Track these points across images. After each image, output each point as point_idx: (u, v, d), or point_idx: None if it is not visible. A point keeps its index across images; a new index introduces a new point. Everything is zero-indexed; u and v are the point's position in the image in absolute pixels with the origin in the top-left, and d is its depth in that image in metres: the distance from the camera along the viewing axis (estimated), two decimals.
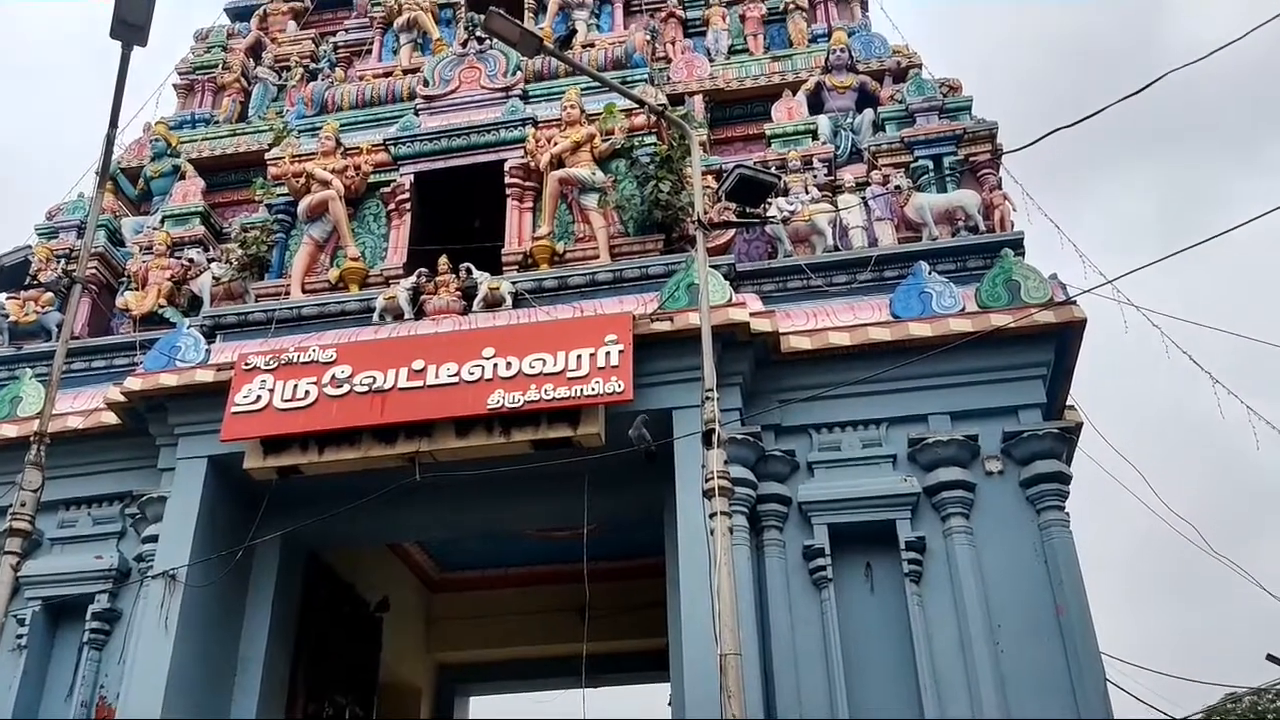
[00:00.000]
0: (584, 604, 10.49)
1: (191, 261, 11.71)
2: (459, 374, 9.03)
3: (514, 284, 10.22)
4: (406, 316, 10.20)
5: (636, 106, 10.51)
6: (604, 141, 10.96)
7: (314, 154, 11.49)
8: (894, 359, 8.92)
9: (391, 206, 11.31)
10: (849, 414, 9.12)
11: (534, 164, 10.99)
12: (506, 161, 11.14)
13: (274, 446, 9.31)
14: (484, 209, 11.45)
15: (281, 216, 11.72)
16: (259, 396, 9.29)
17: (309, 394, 9.23)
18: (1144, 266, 7.13)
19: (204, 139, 13.56)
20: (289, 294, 10.95)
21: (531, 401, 8.80)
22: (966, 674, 8.01)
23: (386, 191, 11.35)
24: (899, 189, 10.44)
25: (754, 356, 9.15)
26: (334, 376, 9.26)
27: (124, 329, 11.61)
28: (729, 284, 9.44)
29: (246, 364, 9.49)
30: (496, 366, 8.99)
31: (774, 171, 9.82)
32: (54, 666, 9.78)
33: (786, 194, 10.58)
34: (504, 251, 10.73)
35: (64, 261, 12.02)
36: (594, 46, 12.31)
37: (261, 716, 9.45)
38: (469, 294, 10.28)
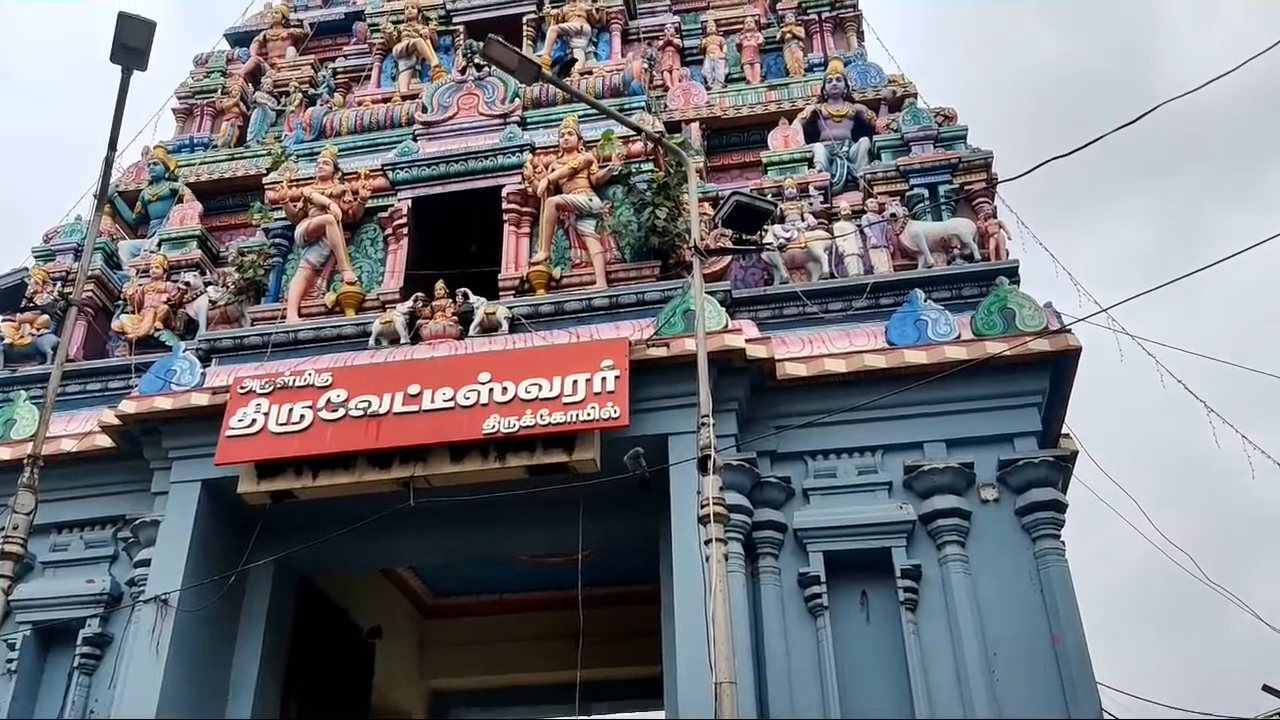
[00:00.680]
0: (578, 630, 10.42)
1: (188, 285, 11.71)
2: (454, 399, 9.03)
3: (510, 309, 10.24)
4: (403, 341, 10.20)
5: (634, 133, 10.56)
6: (601, 168, 11.01)
7: (312, 179, 11.54)
8: (890, 386, 8.92)
9: (389, 231, 11.33)
10: (844, 441, 9.12)
11: (531, 190, 11.03)
12: (504, 187, 11.19)
13: (268, 471, 9.29)
14: (481, 234, 11.48)
15: (279, 241, 11.74)
16: (254, 420, 9.28)
17: (304, 418, 9.22)
18: (1138, 295, 7.16)
19: (202, 163, 13.61)
20: (285, 318, 10.96)
21: (527, 427, 8.80)
22: (962, 703, 7.96)
23: (384, 216, 11.39)
24: (894, 217, 10.49)
25: (750, 383, 9.15)
26: (329, 401, 9.25)
27: (119, 352, 11.60)
28: (725, 310, 9.47)
29: (242, 388, 9.48)
30: (492, 391, 8.99)
31: (770, 199, 9.86)
32: (44, 691, 9.68)
33: (783, 221, 10.63)
34: (501, 276, 10.75)
35: (60, 284, 12.01)
36: (592, 74, 12.39)
37: None
38: (465, 319, 10.29)
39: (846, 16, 13.86)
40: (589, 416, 8.72)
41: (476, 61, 12.23)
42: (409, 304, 10.41)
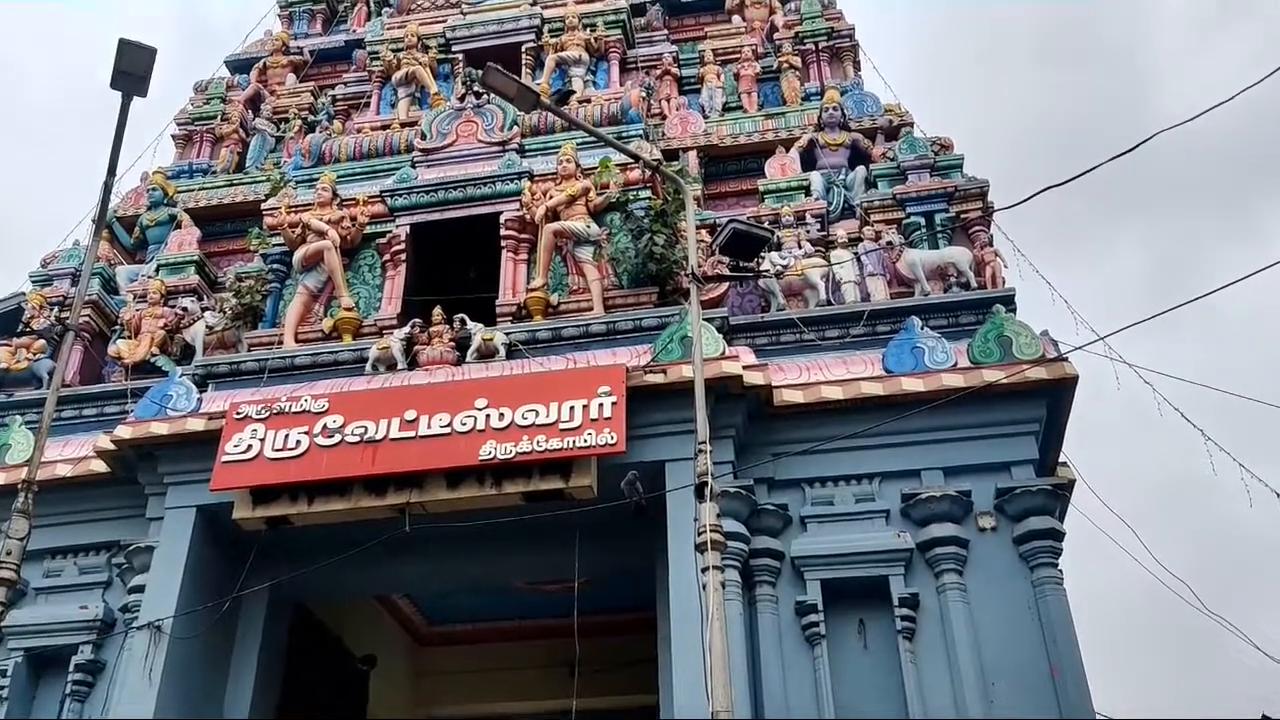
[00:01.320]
0: (574, 659, 10.32)
1: (185, 310, 11.72)
2: (451, 424, 9.01)
3: (508, 335, 10.24)
4: (400, 367, 10.20)
5: (632, 161, 10.59)
6: (599, 195, 11.06)
7: (310, 205, 11.57)
8: (887, 413, 8.92)
9: (387, 257, 11.36)
10: (842, 468, 9.10)
11: (529, 216, 11.06)
12: (502, 214, 11.22)
13: (264, 497, 9.25)
14: (479, 260, 11.51)
15: (276, 266, 11.76)
16: (250, 446, 9.25)
17: (300, 444, 9.20)
18: (1136, 324, 7.15)
19: (201, 189, 13.65)
20: (282, 343, 10.96)
21: (524, 453, 8.78)
22: None
23: (382, 242, 11.41)
24: (891, 245, 10.53)
25: (747, 410, 9.15)
26: (325, 426, 9.23)
27: (116, 377, 11.58)
28: (722, 337, 9.48)
29: (238, 413, 9.46)
30: (489, 417, 8.97)
31: (767, 226, 9.88)
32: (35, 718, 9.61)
33: (780, 249, 10.66)
34: (498, 303, 10.77)
35: (57, 309, 12.03)
36: (590, 102, 12.45)
37: None
38: (463, 345, 10.29)
39: (843, 47, 13.98)
40: (586, 443, 8.70)
41: (475, 89, 12.31)
42: (406, 330, 10.42)
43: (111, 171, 8.39)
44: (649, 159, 10.20)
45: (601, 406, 8.82)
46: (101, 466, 10.02)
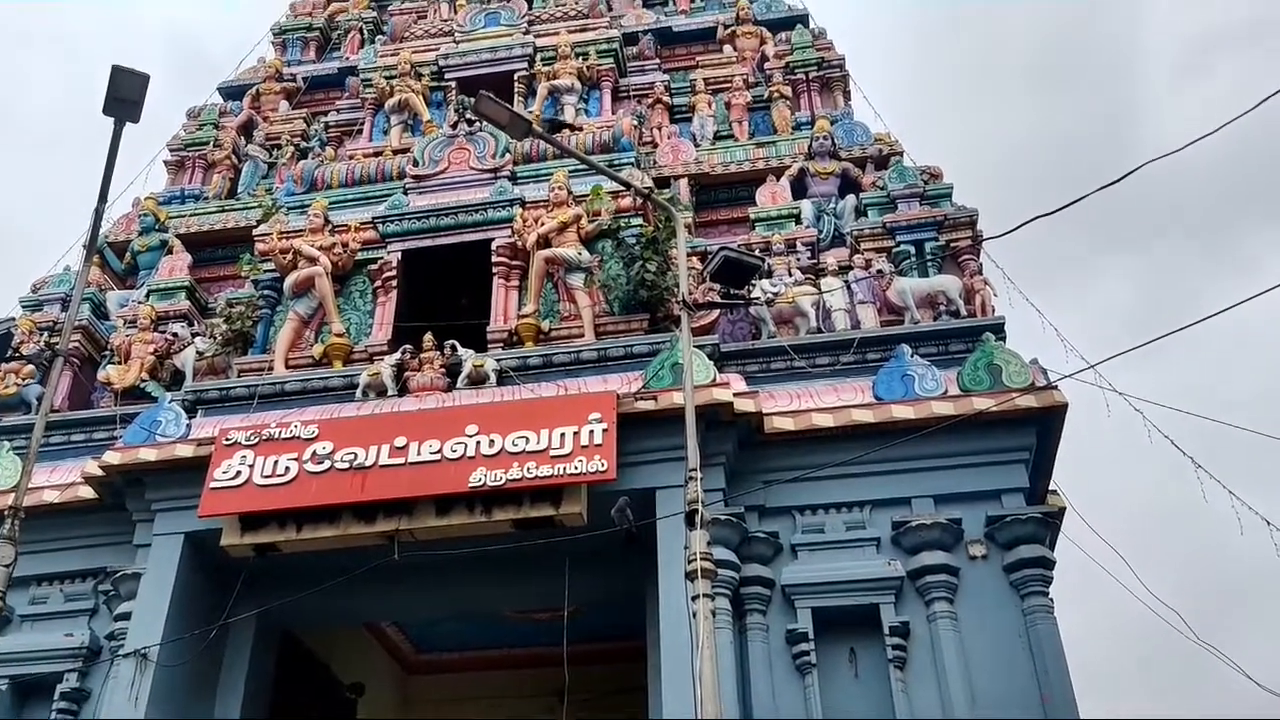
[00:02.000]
0: (563, 687, 10.30)
1: (175, 336, 11.69)
2: (441, 451, 8.99)
3: (499, 361, 10.23)
4: (390, 393, 10.17)
5: (623, 189, 10.65)
6: (590, 222, 11.09)
7: (302, 231, 11.58)
8: (877, 441, 8.92)
9: (378, 283, 11.36)
10: (832, 496, 9.09)
11: (521, 243, 11.09)
12: (494, 241, 11.25)
13: (252, 523, 9.20)
14: (471, 287, 11.51)
15: (267, 292, 11.75)
16: (239, 472, 9.21)
17: (289, 470, 9.16)
18: (1124, 352, 7.19)
19: (192, 214, 13.65)
20: (272, 369, 10.93)
21: (514, 480, 8.75)
22: None
23: (373, 268, 11.42)
24: (881, 273, 10.57)
25: (738, 437, 9.14)
26: (315, 453, 9.20)
27: (105, 403, 11.54)
28: (713, 364, 9.48)
29: (227, 439, 9.42)
30: (479, 444, 8.95)
31: (758, 254, 9.93)
32: None
33: (770, 276, 10.70)
34: (489, 329, 10.77)
35: (47, 334, 11.97)
36: (582, 130, 12.51)
37: None
38: (453, 371, 10.28)
39: (833, 76, 14.08)
40: (576, 470, 8.69)
41: (468, 117, 12.35)
42: (397, 356, 10.40)
43: (103, 197, 8.38)
44: (640, 186, 10.24)
45: (592, 433, 8.81)
46: (89, 493, 9.96)
